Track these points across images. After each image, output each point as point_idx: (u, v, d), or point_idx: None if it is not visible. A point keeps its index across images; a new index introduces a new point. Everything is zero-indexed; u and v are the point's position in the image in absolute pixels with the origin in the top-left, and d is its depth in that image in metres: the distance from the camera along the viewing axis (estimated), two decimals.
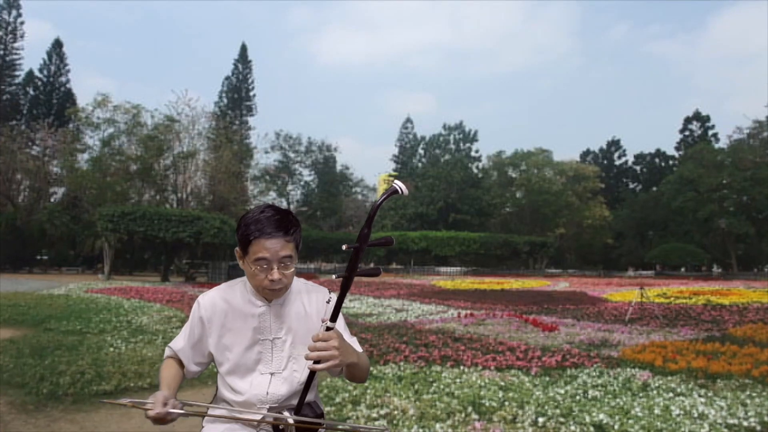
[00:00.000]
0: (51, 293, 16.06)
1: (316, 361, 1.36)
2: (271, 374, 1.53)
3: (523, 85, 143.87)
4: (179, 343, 1.60)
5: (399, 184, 1.29)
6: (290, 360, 1.54)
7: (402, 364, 6.00)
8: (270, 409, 1.51)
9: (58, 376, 5.19)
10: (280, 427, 1.50)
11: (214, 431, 1.53)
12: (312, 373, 1.44)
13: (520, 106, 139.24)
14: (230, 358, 1.53)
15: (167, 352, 1.64)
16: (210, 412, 1.54)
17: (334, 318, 1.39)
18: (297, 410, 1.49)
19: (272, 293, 1.51)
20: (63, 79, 50.09)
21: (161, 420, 1.38)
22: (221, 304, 1.55)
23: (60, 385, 4.91)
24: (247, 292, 1.56)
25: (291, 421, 1.47)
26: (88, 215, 33.47)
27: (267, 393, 1.51)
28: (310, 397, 1.54)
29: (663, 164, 64.56)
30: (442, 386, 4.92)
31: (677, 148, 62.11)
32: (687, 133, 61.52)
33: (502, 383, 5.05)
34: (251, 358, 1.53)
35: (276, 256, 1.45)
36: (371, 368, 5.63)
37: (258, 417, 1.49)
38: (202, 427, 1.57)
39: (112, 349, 6.81)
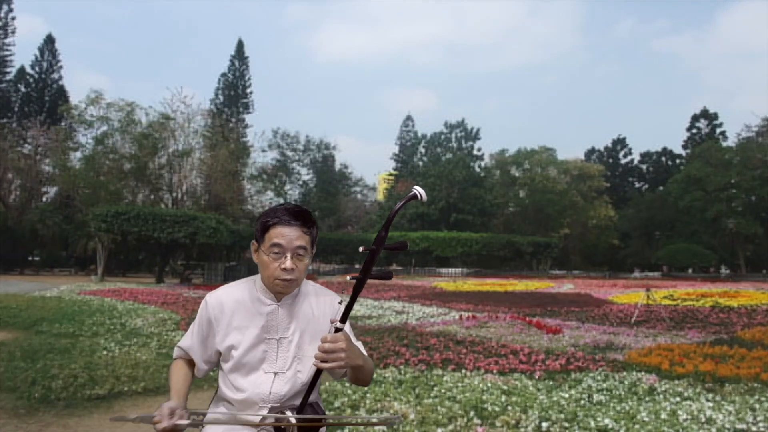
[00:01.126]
0: (43, 295, 16.06)
1: (323, 361, 1.41)
2: (275, 373, 1.56)
3: (526, 81, 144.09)
4: (188, 341, 1.64)
5: (419, 190, 1.33)
6: (295, 360, 1.57)
7: (402, 367, 6.00)
8: (271, 409, 1.54)
9: (50, 380, 5.19)
10: (282, 426, 1.52)
11: (214, 431, 1.55)
12: (318, 373, 1.48)
13: (523, 103, 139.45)
14: (235, 356, 1.56)
15: (176, 352, 1.68)
16: (212, 415, 1.58)
17: (344, 320, 1.43)
18: (300, 410, 1.52)
19: (283, 285, 1.54)
20: (55, 75, 50.05)
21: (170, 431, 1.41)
22: (230, 303, 1.59)
23: (52, 389, 4.91)
24: (256, 291, 1.60)
25: (293, 420, 1.49)
26: (80, 215, 33.44)
27: (269, 392, 1.53)
28: (312, 398, 1.56)
29: (670, 163, 64.52)
30: (443, 390, 4.92)
31: (684, 147, 62.08)
32: (694, 131, 61.46)
33: (505, 387, 5.05)
34: (256, 357, 1.56)
35: (291, 244, 1.50)
36: None
37: (257, 419, 1.52)
38: (202, 427, 1.59)
39: (105, 352, 6.81)
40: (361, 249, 1.36)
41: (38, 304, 12.84)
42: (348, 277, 1.41)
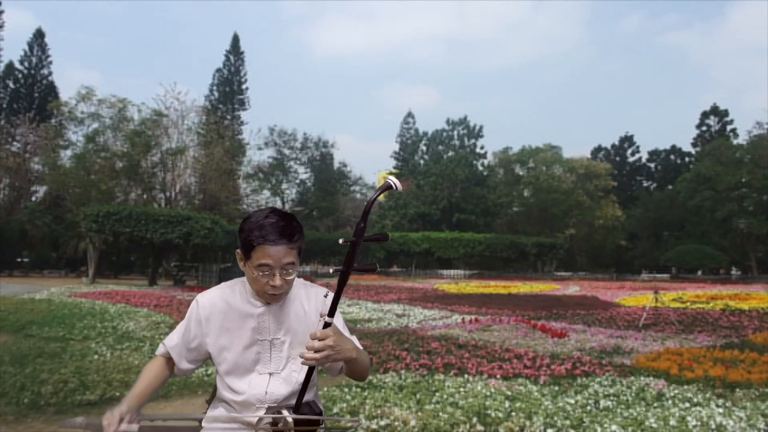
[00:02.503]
0: (32, 297, 16.06)
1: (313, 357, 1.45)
2: (270, 374, 1.61)
3: (531, 77, 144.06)
4: (173, 339, 1.69)
5: (392, 180, 1.39)
6: (289, 360, 1.62)
7: (403, 372, 6.01)
8: (269, 409, 1.58)
9: (40, 385, 5.19)
10: (279, 425, 1.56)
11: (213, 431, 1.61)
12: (310, 371, 1.52)
13: (527, 99, 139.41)
14: (228, 359, 1.61)
15: (160, 349, 1.72)
16: (210, 414, 1.65)
17: (331, 313, 1.47)
18: (296, 409, 1.56)
19: (273, 299, 1.60)
20: (45, 71, 50.04)
21: None
22: (220, 304, 1.64)
23: (42, 394, 4.92)
24: (246, 293, 1.64)
25: (290, 420, 1.54)
26: (71, 215, 33.41)
27: (266, 393, 1.59)
28: (308, 397, 1.61)
29: (679, 161, 64.55)
30: (445, 396, 4.92)
31: (694, 145, 62.07)
32: (704, 128, 61.45)
33: (509, 393, 5.05)
34: (249, 359, 1.61)
35: (279, 263, 1.52)
36: (370, 377, 5.64)
37: (255, 419, 1.57)
38: (201, 428, 1.63)
39: (96, 356, 6.82)
40: (341, 241, 1.40)
41: (27, 307, 12.83)
42: (331, 270, 1.47)
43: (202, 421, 1.63)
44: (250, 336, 1.61)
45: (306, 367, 1.53)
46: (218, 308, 1.63)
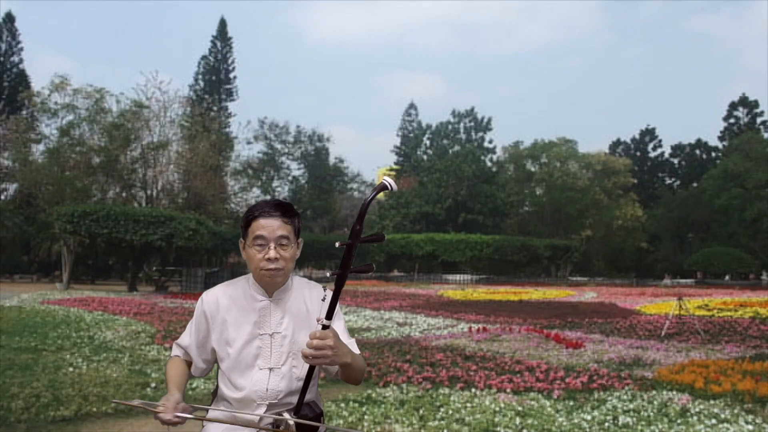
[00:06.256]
0: (1, 305, 16.07)
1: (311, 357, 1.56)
2: (270, 369, 1.75)
3: (544, 65, 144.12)
4: (186, 340, 1.86)
5: (388, 180, 1.49)
6: (290, 356, 1.76)
7: (405, 386, 6.02)
8: (269, 406, 1.72)
9: (10, 399, 5.21)
10: (281, 427, 1.68)
11: (214, 430, 1.74)
12: (311, 371, 1.64)
13: (540, 89, 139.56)
14: (230, 353, 1.77)
15: (174, 350, 1.90)
16: (212, 413, 1.77)
17: (329, 316, 1.59)
18: (297, 410, 1.69)
19: (270, 275, 1.73)
20: (15, 58, 50.13)
21: (171, 423, 1.61)
22: (224, 300, 1.81)
23: (12, 410, 4.92)
24: (249, 288, 1.81)
25: (292, 423, 1.66)
26: (43, 215, 33.45)
27: (266, 389, 1.73)
28: (309, 397, 1.74)
29: (704, 156, 64.65)
30: (450, 412, 4.94)
31: (721, 138, 62.24)
32: (732, 120, 61.62)
33: (520, 408, 5.06)
34: (250, 353, 1.76)
35: (273, 234, 1.71)
36: (369, 391, 5.66)
37: (256, 419, 1.70)
38: (202, 426, 1.77)
39: (71, 368, 6.83)
40: (337, 244, 1.51)
41: None
42: (328, 274, 1.62)
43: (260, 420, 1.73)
44: (251, 330, 1.76)
45: (308, 364, 1.64)
46: (222, 304, 1.79)
